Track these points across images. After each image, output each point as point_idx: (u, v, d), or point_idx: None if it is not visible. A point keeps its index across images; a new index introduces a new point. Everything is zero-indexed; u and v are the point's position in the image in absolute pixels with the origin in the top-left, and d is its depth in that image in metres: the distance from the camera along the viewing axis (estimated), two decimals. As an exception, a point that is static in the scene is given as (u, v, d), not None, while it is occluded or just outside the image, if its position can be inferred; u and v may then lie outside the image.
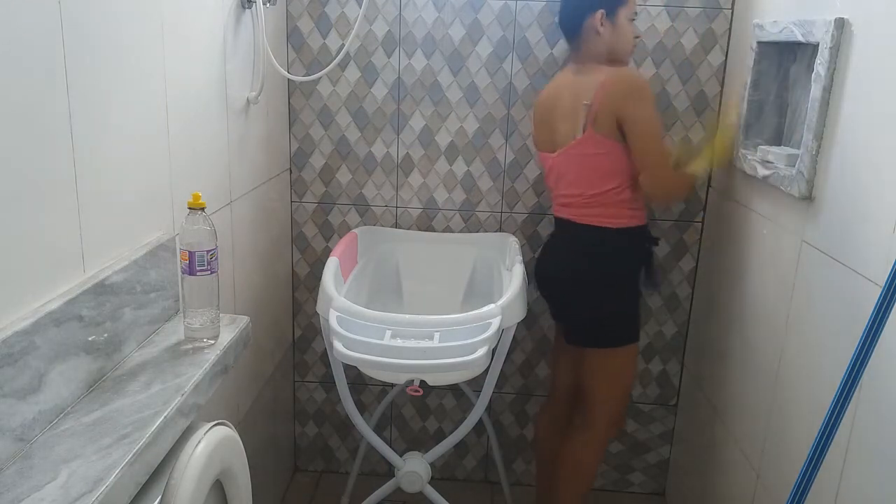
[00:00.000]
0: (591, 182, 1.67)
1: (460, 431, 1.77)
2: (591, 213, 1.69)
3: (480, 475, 2.35)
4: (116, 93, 1.07)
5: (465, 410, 2.26)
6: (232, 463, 1.08)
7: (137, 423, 0.90)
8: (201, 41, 1.39)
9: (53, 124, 0.92)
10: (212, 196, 1.45)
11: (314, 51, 1.99)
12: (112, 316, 1.03)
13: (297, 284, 2.19)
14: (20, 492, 0.77)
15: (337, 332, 1.45)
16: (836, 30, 1.27)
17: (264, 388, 1.93)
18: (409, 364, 1.43)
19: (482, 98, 2.01)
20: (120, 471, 0.81)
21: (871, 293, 1.12)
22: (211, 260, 1.12)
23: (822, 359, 1.29)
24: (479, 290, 1.98)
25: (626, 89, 1.60)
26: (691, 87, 1.96)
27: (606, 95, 1.59)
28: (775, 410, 1.48)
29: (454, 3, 1.94)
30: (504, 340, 1.63)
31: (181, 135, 1.30)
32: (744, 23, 1.81)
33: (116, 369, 1.04)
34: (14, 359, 0.82)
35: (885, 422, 1.08)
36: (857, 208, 1.20)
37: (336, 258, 1.76)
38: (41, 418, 0.88)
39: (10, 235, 0.84)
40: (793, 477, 1.37)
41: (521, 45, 1.96)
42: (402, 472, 1.77)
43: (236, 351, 1.19)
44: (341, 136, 2.05)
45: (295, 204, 2.12)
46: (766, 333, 1.55)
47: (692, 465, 2.04)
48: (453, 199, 2.09)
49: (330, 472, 2.36)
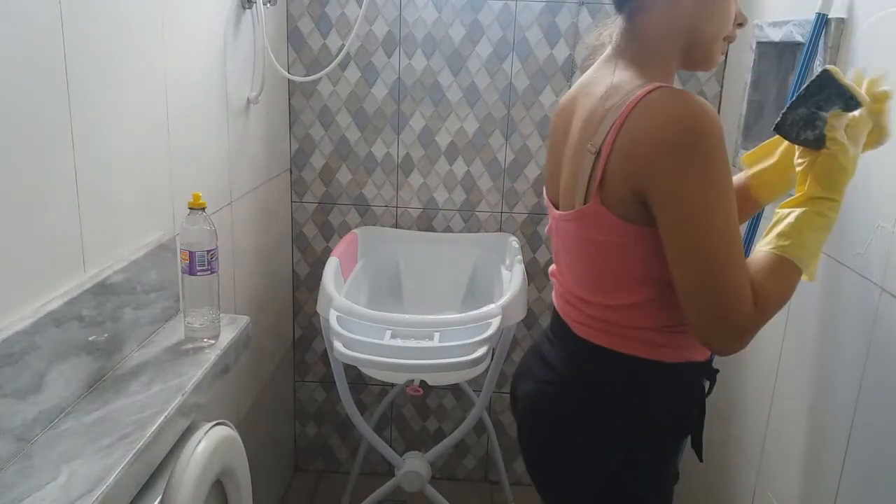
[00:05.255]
0: (596, 284, 1.00)
1: (460, 431, 1.77)
2: (599, 327, 1.01)
3: (480, 475, 2.35)
4: (116, 93, 1.07)
5: (465, 410, 2.26)
6: (232, 463, 1.08)
7: (138, 422, 0.90)
8: (202, 41, 1.39)
9: (54, 124, 0.92)
10: (212, 196, 1.45)
11: (314, 51, 1.99)
12: (112, 316, 1.03)
13: (297, 284, 2.19)
14: (21, 491, 0.77)
15: (337, 332, 1.45)
16: (836, 30, 1.27)
17: (264, 388, 1.93)
18: (409, 364, 1.43)
19: (482, 98, 2.01)
20: (120, 470, 0.81)
21: (871, 293, 1.12)
22: (211, 260, 1.12)
23: (822, 359, 1.29)
24: (479, 290, 1.98)
25: (666, 137, 0.85)
26: (691, 87, 1.96)
27: (629, 142, 0.88)
28: (775, 410, 1.48)
29: (454, 4, 1.94)
30: (504, 340, 1.63)
31: (181, 135, 1.30)
32: (744, 23, 1.80)
33: (117, 369, 1.04)
34: (14, 359, 0.82)
35: (886, 422, 1.08)
36: (856, 208, 1.20)
37: (336, 258, 1.76)
38: (42, 418, 0.88)
39: (11, 235, 0.84)
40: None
41: (521, 45, 1.96)
42: (403, 471, 1.77)
43: (236, 351, 1.19)
44: (341, 137, 2.06)
45: (295, 204, 2.12)
46: (766, 333, 1.55)
47: (692, 465, 2.04)
48: (453, 199, 2.09)
49: (330, 471, 2.36)
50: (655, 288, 0.94)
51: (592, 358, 1.02)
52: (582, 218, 0.96)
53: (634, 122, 0.88)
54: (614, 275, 0.97)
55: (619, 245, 0.94)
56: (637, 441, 1.01)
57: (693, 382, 1.04)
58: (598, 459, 1.03)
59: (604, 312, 1.00)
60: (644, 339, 0.98)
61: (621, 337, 0.99)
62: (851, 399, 1.16)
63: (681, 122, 0.85)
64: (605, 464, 1.02)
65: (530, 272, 2.10)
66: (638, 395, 1.01)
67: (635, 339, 0.98)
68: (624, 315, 0.98)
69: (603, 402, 1.01)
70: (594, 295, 1.00)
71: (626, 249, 0.94)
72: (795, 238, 0.90)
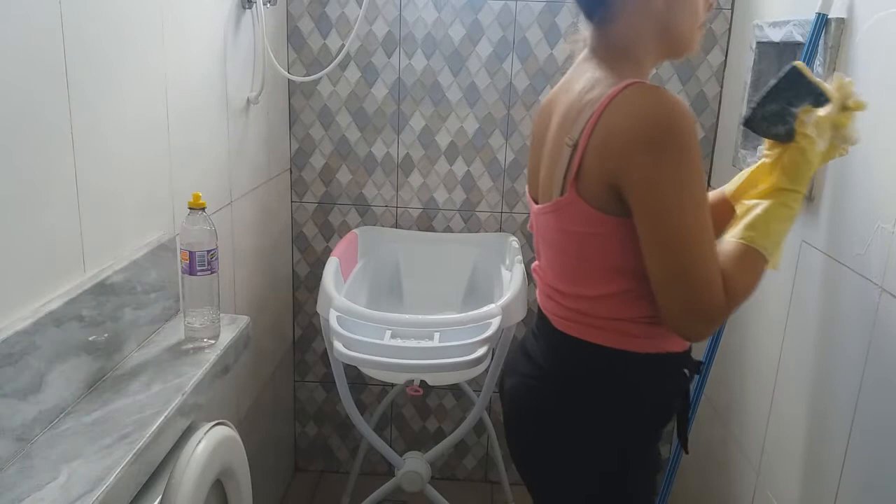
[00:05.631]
0: (574, 275, 1.01)
1: (460, 431, 1.77)
2: (578, 320, 1.02)
3: (480, 475, 2.35)
4: (116, 93, 1.07)
5: (465, 410, 2.26)
6: (232, 463, 1.08)
7: (138, 422, 0.90)
8: (202, 41, 1.40)
9: (54, 124, 0.92)
10: (212, 196, 1.45)
11: (314, 51, 1.99)
12: (112, 316, 1.03)
13: (297, 284, 2.19)
14: (21, 491, 0.77)
15: (337, 332, 1.45)
16: (836, 30, 1.27)
17: (264, 388, 1.94)
18: (409, 364, 1.43)
19: (482, 98, 2.01)
20: (120, 470, 0.81)
21: (871, 293, 1.12)
22: (211, 260, 1.12)
23: (822, 359, 1.29)
24: (479, 290, 1.98)
25: (638, 133, 0.87)
26: (691, 87, 1.96)
27: (604, 137, 0.90)
28: (775, 410, 1.48)
29: (454, 4, 1.94)
30: (504, 340, 1.63)
31: (181, 135, 1.30)
32: (743, 23, 1.81)
33: (117, 369, 1.04)
34: (14, 359, 0.82)
35: (886, 422, 1.08)
36: (856, 208, 1.20)
37: (336, 258, 1.76)
38: (42, 418, 0.88)
39: (11, 235, 0.84)
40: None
41: (521, 46, 1.96)
42: (402, 471, 1.77)
43: (236, 351, 1.19)
44: (341, 137, 2.06)
45: (295, 204, 2.12)
46: (765, 333, 1.56)
47: (692, 465, 2.04)
48: (453, 199, 2.09)
49: (330, 471, 2.36)
50: (632, 279, 0.95)
51: (573, 351, 1.03)
52: (559, 209, 0.98)
53: (609, 118, 0.90)
54: (591, 266, 0.98)
55: (595, 236, 0.95)
56: (619, 431, 1.03)
57: (673, 373, 1.06)
58: (583, 451, 1.04)
59: (582, 304, 1.01)
60: (621, 330, 0.99)
61: (599, 329, 1.00)
62: (851, 399, 1.16)
63: (653, 117, 0.87)
64: (589, 455, 1.04)
65: (530, 272, 2.10)
66: (618, 386, 1.02)
67: (613, 331, 0.99)
68: (601, 306, 0.99)
69: (584, 394, 1.03)
70: (572, 287, 1.02)
71: (602, 240, 0.95)
72: (762, 228, 0.93)
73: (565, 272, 1.03)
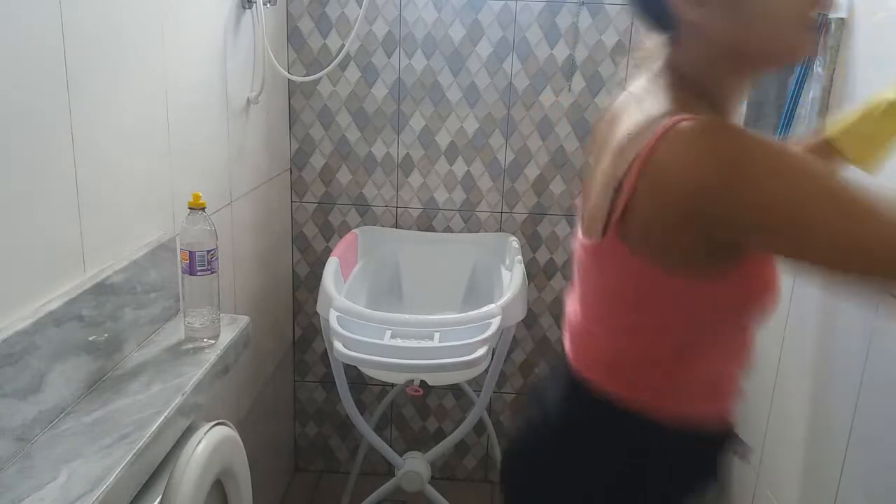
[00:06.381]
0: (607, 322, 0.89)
1: (460, 431, 1.77)
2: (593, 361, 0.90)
3: (480, 475, 2.35)
4: (116, 93, 1.07)
5: (465, 410, 2.26)
6: (232, 463, 1.08)
7: (138, 422, 0.90)
8: (202, 41, 1.39)
9: (54, 124, 0.92)
10: (212, 196, 1.45)
11: (314, 51, 1.99)
12: (112, 316, 1.03)
13: (297, 284, 2.19)
14: (21, 491, 0.77)
15: (337, 332, 1.45)
16: (836, 30, 1.27)
17: (264, 388, 1.94)
18: (409, 364, 1.43)
19: (482, 98, 2.01)
20: (120, 470, 0.81)
21: (870, 293, 1.12)
22: (211, 260, 1.12)
23: (822, 359, 1.29)
24: (479, 290, 1.98)
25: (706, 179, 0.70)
26: (691, 87, 1.96)
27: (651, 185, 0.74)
28: (775, 410, 1.48)
29: (454, 4, 1.94)
30: (504, 340, 1.63)
31: (181, 135, 1.30)
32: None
33: (117, 369, 1.04)
34: (14, 359, 0.82)
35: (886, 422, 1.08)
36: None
37: (336, 258, 1.76)
38: (42, 418, 0.88)
39: (11, 235, 0.84)
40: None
41: (521, 46, 1.96)
42: (403, 471, 1.77)
43: (236, 351, 1.19)
44: (341, 137, 2.06)
45: (295, 204, 2.12)
46: (765, 333, 1.55)
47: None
48: (453, 199, 2.09)
49: (330, 471, 2.36)
50: (676, 338, 0.82)
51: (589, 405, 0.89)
52: (598, 251, 0.84)
53: (662, 164, 0.73)
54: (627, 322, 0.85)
55: (632, 284, 0.82)
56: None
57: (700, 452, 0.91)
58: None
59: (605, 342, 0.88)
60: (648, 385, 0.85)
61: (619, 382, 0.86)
62: (851, 399, 1.16)
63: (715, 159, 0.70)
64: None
65: (530, 272, 2.10)
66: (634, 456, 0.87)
67: (640, 389, 0.85)
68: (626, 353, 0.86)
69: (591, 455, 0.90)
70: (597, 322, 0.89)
71: (639, 293, 0.82)
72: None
73: (595, 309, 0.90)
